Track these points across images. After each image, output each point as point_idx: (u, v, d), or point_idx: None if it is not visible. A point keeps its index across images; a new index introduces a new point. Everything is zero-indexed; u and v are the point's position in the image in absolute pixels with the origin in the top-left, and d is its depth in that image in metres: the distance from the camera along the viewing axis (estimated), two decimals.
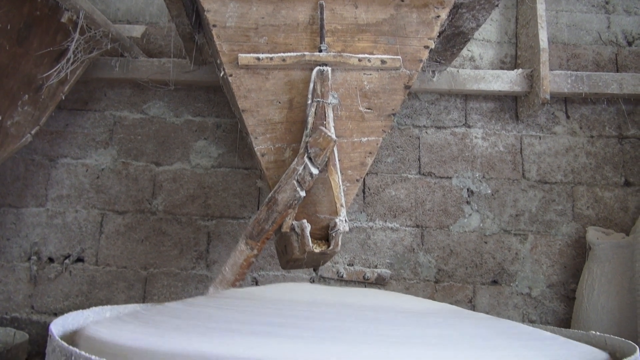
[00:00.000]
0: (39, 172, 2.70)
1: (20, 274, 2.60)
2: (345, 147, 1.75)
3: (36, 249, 2.62)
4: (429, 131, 2.75)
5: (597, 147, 2.72)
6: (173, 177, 2.69)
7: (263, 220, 1.61)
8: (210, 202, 2.67)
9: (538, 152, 2.71)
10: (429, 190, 2.68)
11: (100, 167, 2.70)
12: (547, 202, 2.66)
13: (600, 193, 2.67)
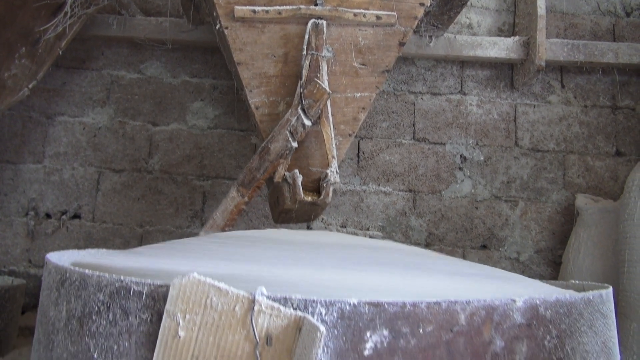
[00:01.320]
0: (37, 129, 2.71)
1: (18, 229, 2.65)
2: (338, 102, 1.77)
3: (34, 205, 2.66)
4: (425, 97, 2.76)
5: (590, 116, 2.74)
6: (169, 137, 2.72)
7: (255, 169, 1.65)
8: (206, 163, 2.70)
9: (532, 121, 2.74)
10: (422, 156, 2.71)
11: (97, 125, 2.72)
12: (539, 169, 2.70)
13: (591, 162, 2.70)
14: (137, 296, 0.80)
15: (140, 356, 0.79)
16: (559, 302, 0.89)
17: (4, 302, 1.61)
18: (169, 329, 0.76)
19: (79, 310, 0.88)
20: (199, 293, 0.75)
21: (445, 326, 0.76)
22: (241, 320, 0.73)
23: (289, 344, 0.71)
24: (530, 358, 0.83)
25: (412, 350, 0.74)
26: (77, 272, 0.91)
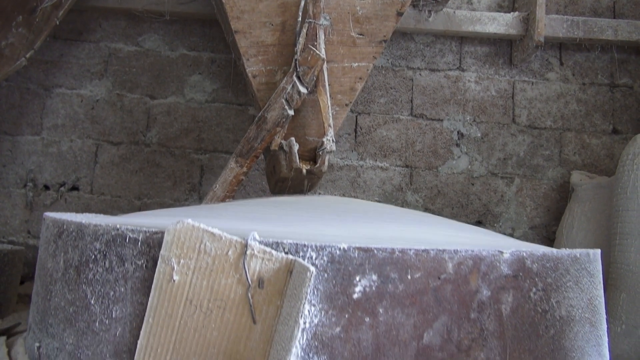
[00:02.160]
0: (34, 100, 2.71)
1: (17, 200, 2.66)
2: (335, 71, 1.78)
3: (32, 176, 2.67)
4: (423, 73, 2.76)
5: (588, 94, 2.74)
6: (167, 111, 2.72)
7: (252, 139, 1.66)
8: (203, 136, 2.71)
9: (529, 98, 2.74)
10: (419, 132, 2.72)
11: (95, 98, 2.71)
12: (535, 147, 2.71)
13: (587, 140, 2.71)
14: (132, 243, 0.82)
15: (135, 301, 0.81)
16: (545, 256, 0.91)
17: (3, 265, 1.64)
18: (163, 273, 0.78)
19: (76, 259, 0.90)
20: (193, 238, 0.76)
21: (433, 273, 0.78)
22: (234, 264, 0.75)
23: (280, 286, 0.73)
24: (515, 308, 0.85)
25: (400, 295, 0.76)
26: (75, 222, 0.93)
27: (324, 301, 0.74)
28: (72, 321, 0.89)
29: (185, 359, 0.76)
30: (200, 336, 0.76)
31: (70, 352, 0.88)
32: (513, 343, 0.84)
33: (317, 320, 0.73)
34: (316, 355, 0.73)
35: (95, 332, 0.85)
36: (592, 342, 1.01)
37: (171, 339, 0.77)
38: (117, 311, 0.83)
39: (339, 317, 0.74)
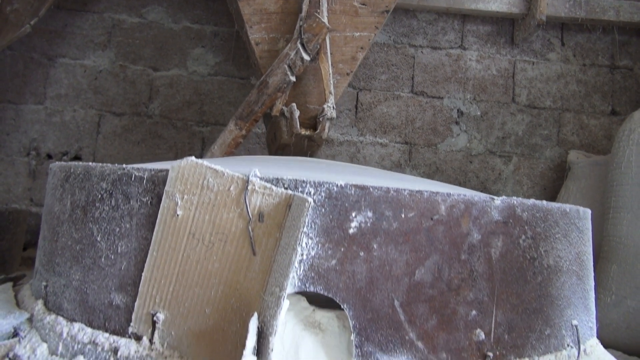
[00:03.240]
0: (38, 70, 2.73)
1: (20, 168, 2.69)
2: (337, 40, 1.79)
3: (35, 145, 2.70)
4: (425, 51, 2.77)
5: (588, 75, 2.76)
6: (170, 83, 2.73)
7: (253, 102, 1.68)
8: (205, 109, 2.73)
9: (530, 78, 2.76)
10: (420, 109, 2.74)
11: (98, 68, 2.73)
12: (534, 126, 2.73)
13: (586, 120, 2.74)
14: (138, 181, 0.85)
15: (140, 236, 0.85)
16: (535, 207, 0.94)
17: (7, 224, 1.67)
18: (167, 208, 0.81)
19: (83, 200, 0.93)
20: (197, 175, 0.79)
21: (426, 214, 0.82)
22: (235, 199, 0.78)
23: (279, 219, 0.76)
24: (505, 253, 0.89)
25: (394, 232, 0.79)
26: (81, 165, 0.96)
27: (320, 235, 0.77)
28: (78, 258, 0.92)
29: (188, 289, 0.80)
30: (202, 268, 0.79)
31: (76, 287, 0.91)
32: (501, 286, 0.88)
33: (314, 252, 0.77)
34: (312, 285, 0.76)
35: (101, 267, 0.88)
36: (578, 294, 1.05)
37: (174, 270, 0.81)
38: (122, 246, 0.86)
39: (335, 251, 0.77)
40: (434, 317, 0.82)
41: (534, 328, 0.92)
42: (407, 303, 0.80)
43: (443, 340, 0.83)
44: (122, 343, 0.84)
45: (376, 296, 0.79)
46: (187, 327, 0.80)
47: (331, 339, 0.81)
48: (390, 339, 0.79)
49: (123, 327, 0.85)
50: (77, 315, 0.90)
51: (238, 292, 0.77)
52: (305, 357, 0.79)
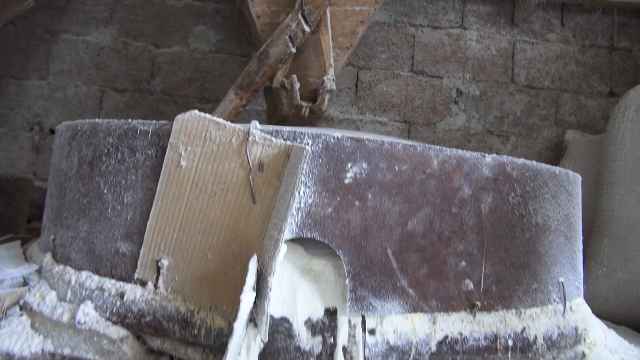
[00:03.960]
0: (41, 45, 2.75)
1: (23, 143, 2.73)
2: (338, 14, 1.82)
3: (38, 120, 2.73)
4: (425, 30, 2.78)
5: (587, 56, 2.77)
6: (171, 60, 2.75)
7: (253, 72, 1.71)
8: (207, 86, 2.75)
9: (529, 58, 2.77)
10: (419, 88, 2.76)
11: (101, 44, 2.75)
12: (532, 106, 2.76)
13: (584, 101, 2.76)
14: (143, 135, 0.89)
15: (145, 187, 0.89)
16: (525, 166, 0.98)
17: (13, 190, 1.71)
18: (172, 160, 0.85)
19: (90, 155, 0.97)
20: (200, 127, 0.83)
21: (419, 167, 0.85)
22: (237, 150, 0.81)
23: (278, 169, 0.80)
24: (494, 208, 0.92)
25: (388, 184, 0.83)
26: (88, 122, 0.99)
27: (317, 184, 0.81)
28: (85, 211, 0.96)
29: (191, 236, 0.84)
30: (204, 216, 0.83)
31: (84, 238, 0.96)
32: (490, 239, 0.92)
33: (311, 200, 0.81)
34: (309, 231, 0.80)
35: (108, 217, 0.92)
36: (566, 254, 1.09)
37: (178, 219, 0.85)
38: (128, 197, 0.90)
39: (331, 199, 0.81)
40: (425, 266, 0.86)
41: (521, 281, 0.96)
42: (399, 252, 0.84)
43: (433, 289, 0.87)
44: (128, 288, 0.88)
45: (370, 244, 0.83)
46: (190, 272, 0.84)
47: (326, 286, 0.85)
48: (383, 285, 0.83)
49: (129, 274, 0.89)
50: (84, 264, 0.95)
51: (239, 238, 0.81)
52: (302, 301, 0.83)
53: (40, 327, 0.92)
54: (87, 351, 0.87)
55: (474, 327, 0.89)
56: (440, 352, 0.86)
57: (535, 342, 0.96)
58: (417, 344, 0.85)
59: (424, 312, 0.87)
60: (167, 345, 0.87)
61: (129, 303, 0.86)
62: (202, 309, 0.83)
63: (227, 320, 0.81)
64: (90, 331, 0.86)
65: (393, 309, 0.84)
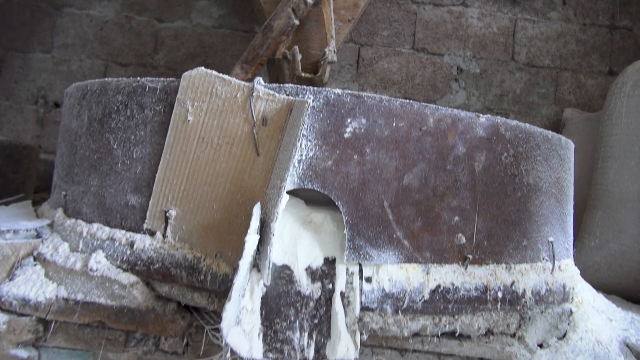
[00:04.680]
0: (45, 19, 2.76)
1: (28, 116, 2.76)
2: None
3: (43, 93, 2.76)
4: (427, 7, 2.79)
5: (588, 35, 2.79)
6: (174, 34, 2.77)
7: (258, 46, 1.73)
8: (209, 62, 2.77)
9: (530, 36, 2.79)
10: (420, 65, 2.79)
11: (104, 19, 2.76)
12: (532, 84, 2.78)
13: (583, 80, 2.78)
14: (151, 92, 0.93)
15: (154, 142, 0.93)
16: (518, 127, 1.02)
17: (22, 157, 1.75)
18: (179, 115, 0.89)
19: (100, 113, 1.01)
20: (206, 83, 0.87)
21: (416, 125, 0.89)
22: (241, 105, 0.85)
23: (281, 123, 0.84)
24: (487, 167, 0.97)
25: (386, 139, 0.87)
26: (98, 82, 1.03)
27: (318, 137, 0.85)
28: (96, 166, 1.00)
29: (198, 188, 0.88)
30: (210, 168, 0.87)
31: (94, 192, 1.00)
32: (483, 196, 0.96)
33: (312, 153, 0.85)
34: (310, 183, 0.85)
35: (118, 172, 0.97)
36: (556, 215, 1.14)
37: (185, 171, 0.89)
38: (137, 152, 0.94)
39: (331, 153, 0.85)
40: (420, 220, 0.91)
41: (511, 238, 1.01)
42: (395, 205, 0.89)
43: (427, 241, 0.92)
44: (138, 238, 0.92)
45: (367, 196, 0.87)
46: (197, 222, 0.88)
47: (326, 237, 0.90)
48: (379, 235, 0.88)
49: (138, 224, 0.94)
50: (95, 217, 0.99)
51: (243, 189, 0.86)
52: (303, 250, 0.88)
53: (53, 275, 0.97)
54: (99, 296, 0.92)
55: (466, 279, 0.94)
56: (432, 300, 0.91)
57: (523, 295, 1.01)
58: (411, 292, 0.90)
59: (418, 263, 0.91)
60: (175, 290, 0.92)
61: (138, 251, 0.91)
62: (208, 256, 0.88)
63: (232, 266, 0.86)
64: (102, 277, 0.91)
65: (389, 258, 0.89)
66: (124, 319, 0.93)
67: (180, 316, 0.94)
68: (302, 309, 0.83)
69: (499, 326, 1.02)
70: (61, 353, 1.01)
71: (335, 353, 0.80)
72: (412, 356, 1.01)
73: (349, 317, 0.84)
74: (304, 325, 0.82)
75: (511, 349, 1.02)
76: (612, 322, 1.22)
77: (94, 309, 0.93)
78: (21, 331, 0.95)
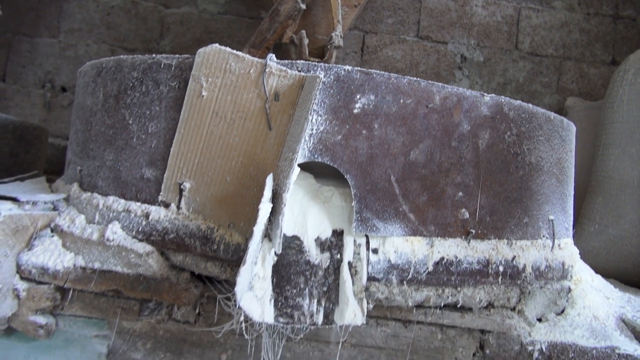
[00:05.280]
0: (52, 4, 2.78)
1: (35, 100, 2.79)
2: None
3: (50, 78, 2.78)
4: None
5: (591, 24, 2.80)
6: (180, 20, 2.79)
7: (265, 30, 1.76)
8: None
9: (534, 25, 2.80)
10: (424, 54, 2.80)
11: (111, 4, 2.78)
12: (535, 73, 2.80)
13: (586, 69, 2.80)
14: (167, 68, 0.96)
15: (169, 117, 0.96)
16: (521, 107, 1.04)
17: (32, 138, 1.79)
18: (194, 90, 0.92)
19: (115, 89, 1.04)
20: (220, 60, 0.90)
21: (422, 102, 0.92)
22: (254, 81, 0.88)
23: (293, 98, 0.87)
24: (491, 145, 1.00)
25: (393, 115, 0.90)
26: (113, 59, 1.06)
27: (329, 113, 0.88)
28: (111, 141, 1.04)
29: (211, 161, 0.92)
30: (224, 142, 0.91)
31: (110, 166, 1.03)
32: (486, 173, 0.99)
33: (322, 128, 0.88)
34: (320, 156, 0.88)
35: (133, 146, 1.00)
36: (557, 195, 1.17)
37: (199, 145, 0.92)
38: (152, 127, 0.97)
39: (341, 127, 0.88)
40: (425, 194, 0.94)
41: (513, 215, 1.04)
42: (402, 179, 0.92)
43: (432, 215, 0.95)
44: (153, 209, 0.96)
45: (375, 170, 0.90)
46: (210, 194, 0.92)
47: (334, 210, 0.93)
48: (386, 208, 0.91)
49: (153, 197, 0.97)
50: (110, 190, 1.03)
51: (255, 162, 0.89)
52: (312, 222, 0.91)
53: (71, 245, 1.00)
54: (115, 265, 0.95)
55: (468, 252, 0.98)
56: (436, 271, 0.95)
57: (524, 270, 1.04)
58: (415, 264, 0.93)
59: (423, 236, 0.95)
60: (189, 260, 0.95)
61: (153, 222, 0.95)
62: (221, 226, 0.91)
63: (244, 236, 0.89)
64: (118, 247, 0.95)
65: (395, 231, 0.92)
66: (140, 287, 0.97)
67: (193, 285, 0.97)
68: (312, 277, 0.87)
69: (500, 299, 1.05)
70: (77, 321, 1.05)
71: (343, 318, 0.84)
72: (416, 327, 1.05)
73: (356, 286, 0.87)
74: (313, 293, 0.86)
75: (511, 321, 1.05)
76: (609, 300, 1.26)
77: (111, 278, 0.97)
78: (40, 298, 0.99)
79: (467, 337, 1.06)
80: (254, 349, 1.03)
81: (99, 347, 1.04)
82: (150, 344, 1.05)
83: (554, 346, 1.04)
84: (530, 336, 1.05)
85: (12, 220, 0.96)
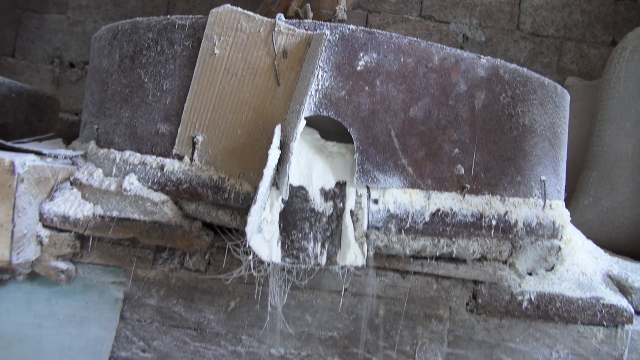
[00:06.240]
0: None
1: (44, 75, 2.84)
2: None
3: (58, 54, 2.83)
4: None
5: (593, 5, 2.84)
6: None
7: (270, 3, 1.81)
8: None
9: (536, 5, 2.84)
10: (426, 33, 2.84)
11: None
12: (536, 54, 2.84)
13: (586, 50, 2.84)
14: (181, 29, 1.01)
15: (183, 75, 1.02)
16: (517, 71, 1.10)
17: (46, 107, 1.84)
18: (207, 49, 0.98)
19: (131, 50, 1.09)
20: (232, 19, 0.95)
21: (422, 62, 0.98)
22: (264, 39, 0.94)
23: (300, 55, 0.93)
24: (486, 105, 1.05)
25: (394, 73, 0.96)
26: (129, 22, 1.11)
27: (333, 69, 0.94)
28: (127, 100, 1.10)
29: (223, 115, 0.98)
30: (235, 97, 0.97)
31: (126, 123, 1.09)
32: (481, 132, 1.05)
33: (327, 84, 0.94)
34: (325, 110, 0.94)
35: (148, 103, 1.06)
36: (549, 158, 1.23)
37: (211, 100, 0.98)
38: (167, 84, 1.03)
39: (345, 83, 0.94)
40: (423, 149, 1.00)
41: (506, 172, 1.10)
42: (401, 134, 0.98)
43: (429, 169, 1.01)
44: (167, 162, 1.02)
45: (376, 125, 0.96)
46: (222, 146, 0.98)
47: (337, 163, 1.00)
48: (386, 161, 0.97)
49: (168, 150, 1.03)
50: (127, 145, 1.09)
51: (265, 116, 0.95)
52: (316, 174, 0.97)
53: (90, 196, 1.07)
54: (132, 212, 1.02)
55: (463, 205, 1.04)
56: (432, 222, 1.01)
57: (515, 225, 1.11)
58: (413, 214, 0.99)
59: (420, 189, 1.01)
60: (201, 208, 1.02)
61: (168, 173, 1.01)
62: (232, 176, 0.97)
63: (254, 185, 0.96)
64: (135, 196, 1.01)
65: (394, 183, 0.98)
66: (155, 234, 1.03)
67: (205, 233, 1.04)
68: (316, 223, 0.93)
69: (492, 252, 1.12)
70: (95, 268, 1.12)
71: (345, 260, 0.90)
72: (413, 278, 1.12)
73: (357, 231, 0.94)
74: (317, 237, 0.92)
75: (502, 273, 1.12)
76: (598, 260, 1.33)
77: (128, 225, 1.04)
78: (61, 245, 1.06)
79: (461, 288, 1.13)
80: (261, 296, 1.11)
81: (116, 292, 1.11)
82: (164, 291, 1.12)
83: (542, 296, 1.11)
84: (520, 287, 1.12)
85: (35, 170, 1.02)
